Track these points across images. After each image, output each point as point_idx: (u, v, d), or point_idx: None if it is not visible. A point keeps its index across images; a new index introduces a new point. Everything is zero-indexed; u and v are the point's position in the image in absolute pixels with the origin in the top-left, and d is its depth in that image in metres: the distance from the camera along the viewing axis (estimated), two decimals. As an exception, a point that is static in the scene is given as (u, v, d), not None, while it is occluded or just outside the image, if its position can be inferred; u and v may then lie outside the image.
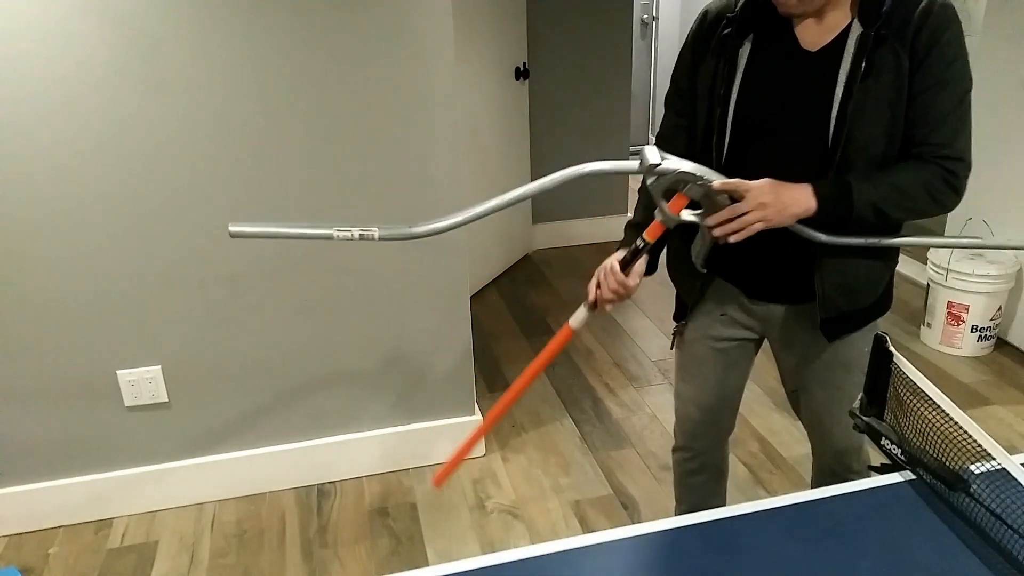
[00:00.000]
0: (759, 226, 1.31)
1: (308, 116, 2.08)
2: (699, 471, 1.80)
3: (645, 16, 6.24)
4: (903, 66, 1.28)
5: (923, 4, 1.27)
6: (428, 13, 2.07)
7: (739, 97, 1.40)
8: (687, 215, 1.37)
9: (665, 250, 1.62)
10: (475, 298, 3.76)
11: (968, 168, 1.34)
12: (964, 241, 1.53)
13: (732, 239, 1.34)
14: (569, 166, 1.45)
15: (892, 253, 1.49)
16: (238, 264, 2.18)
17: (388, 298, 2.33)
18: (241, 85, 2.02)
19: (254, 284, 2.21)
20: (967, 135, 1.33)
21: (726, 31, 1.40)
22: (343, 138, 2.13)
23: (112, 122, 1.97)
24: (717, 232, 1.35)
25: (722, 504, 1.86)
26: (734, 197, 1.33)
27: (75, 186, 2.00)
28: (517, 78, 3.93)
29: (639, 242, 1.44)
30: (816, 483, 1.81)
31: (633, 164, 1.34)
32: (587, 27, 4.09)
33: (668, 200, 1.36)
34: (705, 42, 1.44)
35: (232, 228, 1.24)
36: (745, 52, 1.39)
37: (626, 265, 1.45)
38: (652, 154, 1.31)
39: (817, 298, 1.45)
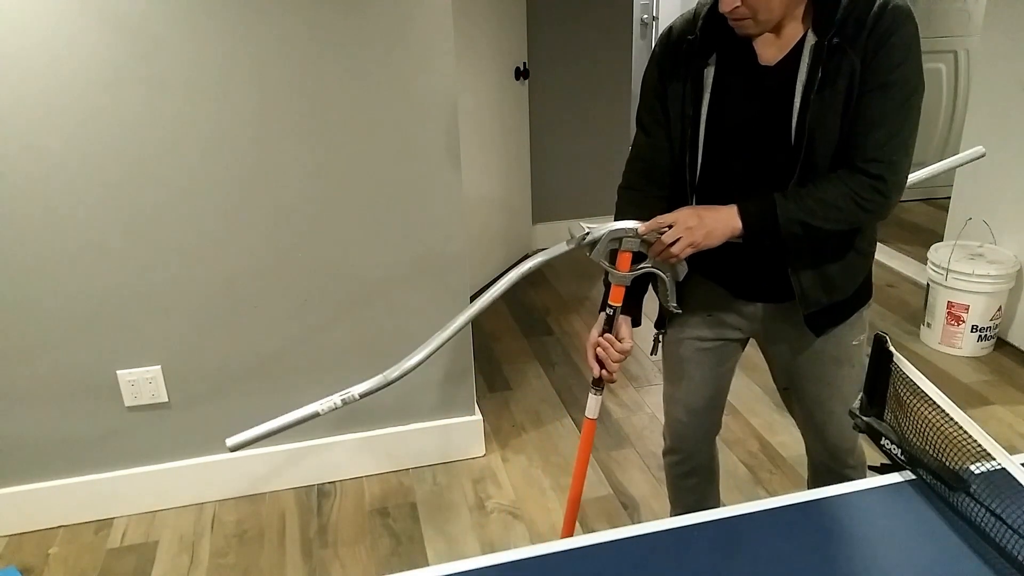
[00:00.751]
0: (689, 250, 1.36)
1: (308, 116, 2.08)
2: (690, 474, 1.80)
3: (645, 16, 6.24)
4: (856, 72, 1.28)
5: (875, 8, 1.27)
6: (428, 13, 2.07)
7: (708, 118, 1.41)
8: (636, 269, 1.44)
9: None
10: (475, 298, 3.76)
11: (899, 172, 1.32)
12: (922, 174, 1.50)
13: (672, 261, 1.40)
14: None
15: (864, 242, 1.49)
16: (238, 264, 2.18)
17: (388, 298, 2.33)
18: (241, 85, 2.02)
19: (254, 284, 2.21)
20: (903, 139, 1.31)
21: (689, 53, 1.41)
22: (343, 138, 2.13)
23: (112, 122, 1.97)
24: (658, 259, 1.41)
25: (716, 506, 1.87)
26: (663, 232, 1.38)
27: (75, 186, 2.00)
28: (517, 78, 3.93)
29: (608, 310, 1.51)
30: (812, 482, 1.82)
31: (567, 244, 1.42)
32: (587, 27, 4.09)
33: (614, 262, 1.44)
34: (671, 63, 1.45)
35: (230, 442, 1.28)
36: (710, 73, 1.40)
37: (610, 330, 1.52)
38: (576, 228, 1.39)
39: (796, 295, 1.46)
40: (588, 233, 1.39)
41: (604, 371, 1.55)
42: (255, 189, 2.12)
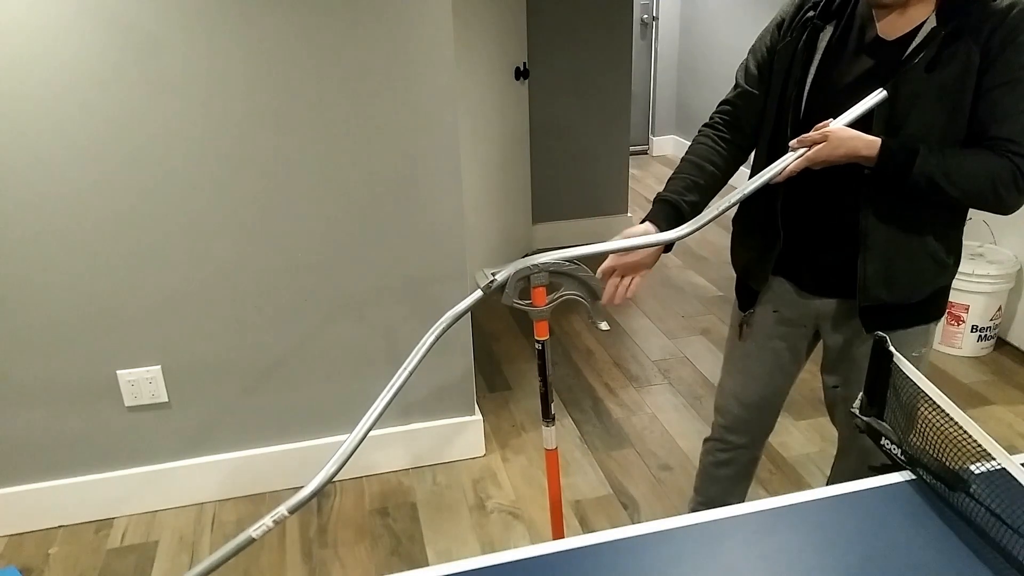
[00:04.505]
0: (823, 152, 1.33)
1: (307, 117, 2.08)
2: (727, 464, 1.80)
3: (645, 16, 6.23)
4: (972, 62, 1.29)
5: (1004, 4, 1.28)
6: (428, 13, 2.07)
7: (814, 80, 1.43)
8: (553, 299, 1.43)
9: (730, 239, 1.66)
10: (475, 298, 3.76)
11: None
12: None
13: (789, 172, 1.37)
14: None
15: (943, 253, 1.47)
16: (238, 264, 2.18)
17: (388, 298, 2.33)
18: (241, 86, 2.02)
19: (254, 284, 2.21)
20: None
21: (809, 14, 1.44)
22: (343, 139, 2.13)
23: (112, 122, 1.97)
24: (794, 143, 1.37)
25: (741, 501, 1.86)
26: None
27: (74, 187, 2.00)
28: (517, 78, 3.93)
29: (537, 345, 1.49)
30: (834, 481, 1.81)
31: (474, 296, 1.39)
32: (587, 27, 4.09)
33: (527, 300, 1.42)
34: (790, 23, 1.48)
35: None
36: (825, 37, 1.42)
37: (545, 363, 1.52)
38: (480, 276, 1.38)
39: (858, 282, 1.46)
40: (493, 280, 1.38)
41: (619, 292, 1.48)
42: (255, 190, 2.12)
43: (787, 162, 1.37)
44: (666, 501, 2.36)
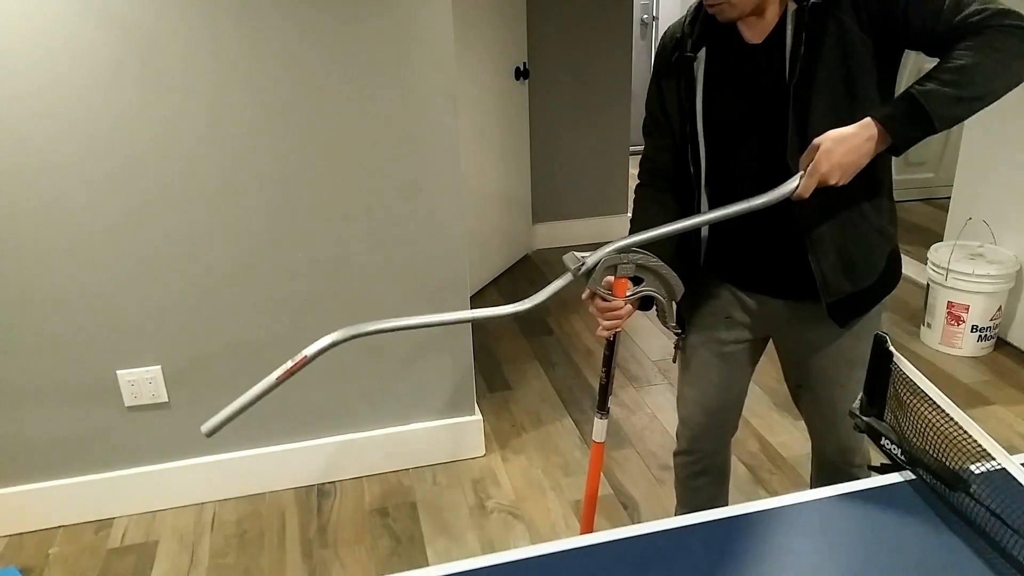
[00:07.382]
0: (822, 165, 1.27)
1: (307, 116, 2.08)
2: (703, 473, 1.80)
3: (645, 16, 6.24)
4: (846, 27, 1.30)
5: None
6: (428, 14, 2.07)
7: (704, 107, 1.44)
8: (633, 294, 1.43)
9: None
10: (475, 298, 3.76)
11: (1008, 8, 1.23)
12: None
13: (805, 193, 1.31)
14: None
15: (885, 223, 1.47)
16: (238, 264, 2.18)
17: (388, 298, 2.33)
18: (239, 84, 2.02)
19: (254, 284, 2.21)
20: None
21: (677, 51, 1.46)
22: (342, 137, 2.13)
23: (111, 122, 1.97)
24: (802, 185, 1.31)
25: (724, 505, 1.87)
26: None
27: (73, 185, 2.01)
28: (517, 78, 3.93)
29: (606, 349, 1.54)
30: (816, 480, 1.82)
31: (564, 278, 1.40)
32: (587, 27, 4.09)
33: (611, 289, 1.43)
34: (665, 63, 1.50)
35: (204, 428, 1.29)
36: (700, 66, 1.43)
37: (611, 354, 1.58)
38: (571, 259, 1.39)
39: (818, 282, 1.45)
40: (583, 263, 1.39)
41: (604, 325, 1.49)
42: (254, 188, 2.12)
43: (789, 187, 1.31)
44: (666, 501, 2.36)
